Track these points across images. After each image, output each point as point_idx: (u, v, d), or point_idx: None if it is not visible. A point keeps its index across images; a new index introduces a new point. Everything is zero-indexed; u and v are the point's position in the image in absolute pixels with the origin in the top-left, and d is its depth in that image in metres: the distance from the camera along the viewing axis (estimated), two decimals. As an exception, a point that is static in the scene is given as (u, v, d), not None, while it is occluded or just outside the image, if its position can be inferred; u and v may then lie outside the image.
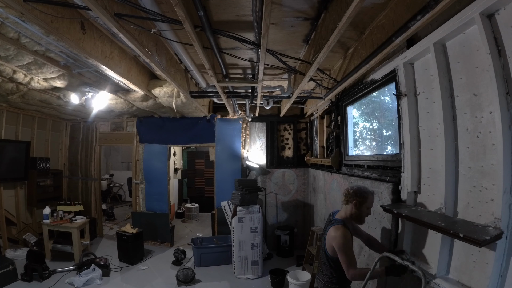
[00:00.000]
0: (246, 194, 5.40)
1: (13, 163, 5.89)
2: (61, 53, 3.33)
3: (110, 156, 13.04)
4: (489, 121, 1.85)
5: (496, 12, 1.76)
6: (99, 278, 4.93)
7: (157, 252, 6.40)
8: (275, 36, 3.16)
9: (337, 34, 2.39)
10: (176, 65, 4.00)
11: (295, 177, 6.92)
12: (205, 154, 10.37)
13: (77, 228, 5.59)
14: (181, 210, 9.71)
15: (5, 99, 5.06)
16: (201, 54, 2.98)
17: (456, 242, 2.17)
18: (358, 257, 3.61)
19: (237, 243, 5.28)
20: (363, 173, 3.78)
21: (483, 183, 1.92)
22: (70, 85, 4.31)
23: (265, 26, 2.29)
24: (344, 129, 4.51)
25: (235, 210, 5.33)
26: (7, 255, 5.30)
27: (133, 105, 5.73)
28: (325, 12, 2.66)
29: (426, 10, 1.94)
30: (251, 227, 5.27)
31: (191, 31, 2.44)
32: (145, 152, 7.16)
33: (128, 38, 2.53)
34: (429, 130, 2.48)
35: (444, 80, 2.21)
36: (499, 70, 1.73)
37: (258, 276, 5.27)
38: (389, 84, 3.22)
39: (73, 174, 7.64)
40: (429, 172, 2.50)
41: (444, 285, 2.13)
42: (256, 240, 5.29)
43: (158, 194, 7.04)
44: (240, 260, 5.26)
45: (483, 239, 1.67)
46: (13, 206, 6.02)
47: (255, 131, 6.98)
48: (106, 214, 9.11)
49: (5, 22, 2.54)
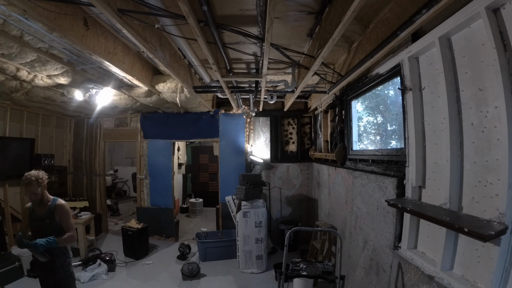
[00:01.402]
0: (251, 189, 5.41)
1: (18, 160, 5.93)
2: (65, 50, 3.34)
3: (114, 152, 13.09)
4: (494, 116, 1.84)
5: (502, 6, 1.73)
6: (105, 273, 4.99)
7: (162, 247, 6.45)
8: (279, 30, 3.15)
9: (342, 28, 2.37)
10: (180, 60, 3.99)
11: (299, 171, 6.92)
12: (209, 149, 10.38)
13: (83, 224, 5.63)
14: (185, 205, 9.76)
15: (9, 96, 5.07)
16: (205, 49, 2.98)
17: (461, 237, 2.17)
18: (362, 252, 3.62)
19: (241, 238, 5.31)
20: (367, 167, 3.77)
21: (488, 178, 1.91)
22: (74, 82, 4.32)
23: (269, 20, 2.28)
24: (348, 124, 4.49)
25: (239, 205, 5.35)
26: (13, 252, 5.34)
27: (137, 101, 5.74)
28: (329, 5, 2.64)
29: (431, 4, 1.92)
30: (256, 221, 5.29)
31: (195, 26, 2.43)
32: (149, 148, 7.19)
33: (132, 33, 2.52)
34: (434, 124, 2.47)
35: (449, 74, 2.20)
36: (504, 65, 1.71)
37: (263, 270, 5.30)
38: (393, 78, 3.20)
39: (78, 170, 7.68)
40: (434, 166, 2.49)
41: (448, 280, 2.13)
42: (261, 234, 5.31)
43: (162, 189, 7.09)
44: (245, 255, 5.29)
45: (488, 234, 1.67)
46: (19, 203, 6.06)
47: (259, 125, 6.98)
48: (111, 210, 9.17)
49: (8, 20, 2.54)
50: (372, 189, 3.46)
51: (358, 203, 3.85)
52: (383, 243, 3.10)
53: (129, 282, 4.89)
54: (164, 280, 4.96)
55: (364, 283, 3.55)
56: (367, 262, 3.51)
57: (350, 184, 4.19)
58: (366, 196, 3.61)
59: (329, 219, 5.28)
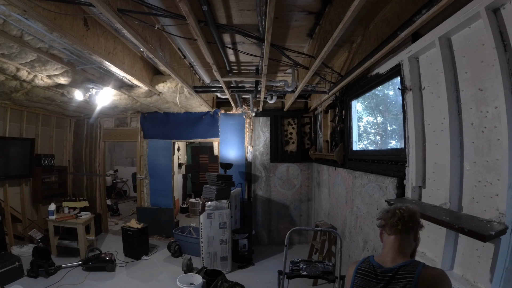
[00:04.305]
0: (222, 189, 5.32)
1: (18, 160, 5.93)
2: (65, 50, 3.33)
3: (114, 152, 13.08)
4: (495, 116, 1.84)
5: (502, 6, 1.74)
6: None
7: (162, 246, 6.43)
8: (279, 30, 3.15)
9: (342, 28, 2.37)
10: (180, 61, 3.99)
11: (299, 171, 6.92)
12: (209, 149, 10.37)
13: (83, 224, 5.63)
14: (185, 205, 9.74)
15: (9, 96, 5.07)
16: (205, 49, 2.98)
17: (461, 237, 2.17)
18: (362, 252, 3.62)
19: (205, 239, 5.22)
20: (367, 167, 3.77)
21: (488, 178, 1.91)
22: (74, 82, 4.32)
23: (269, 20, 2.28)
24: (348, 124, 4.49)
25: (203, 206, 5.26)
26: (13, 252, 5.34)
27: (137, 101, 5.74)
28: (329, 6, 2.65)
29: (431, 4, 1.93)
30: (220, 222, 5.22)
31: (195, 26, 2.44)
32: (149, 148, 7.19)
33: (132, 34, 2.52)
34: (434, 124, 2.47)
35: (449, 74, 2.20)
36: (504, 65, 1.71)
37: (228, 271, 5.22)
38: (393, 78, 3.20)
39: (78, 170, 7.68)
40: (434, 166, 2.49)
41: (448, 280, 2.13)
42: (225, 235, 5.24)
43: (162, 189, 7.09)
44: (209, 256, 5.22)
45: (488, 234, 1.67)
46: (19, 203, 6.07)
47: (259, 125, 6.97)
48: (111, 210, 9.16)
49: (8, 20, 2.54)
50: (372, 189, 3.46)
51: (358, 203, 3.85)
52: (383, 243, 3.10)
53: (129, 282, 4.88)
54: (164, 280, 4.95)
55: (364, 283, 3.54)
56: (367, 262, 3.50)
57: (350, 184, 4.19)
58: (366, 196, 3.61)
59: (329, 219, 5.28)
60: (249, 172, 6.88)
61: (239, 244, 5.56)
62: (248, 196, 6.88)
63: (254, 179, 6.89)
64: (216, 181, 5.39)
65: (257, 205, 6.87)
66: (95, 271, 5.07)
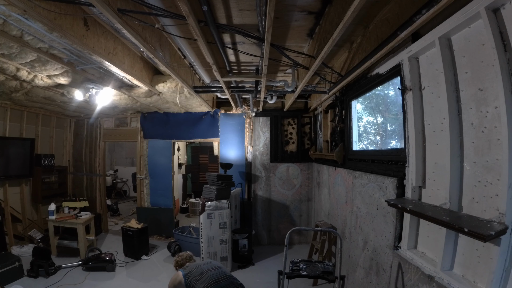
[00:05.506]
0: (222, 189, 5.32)
1: (18, 160, 5.93)
2: (65, 50, 3.34)
3: (114, 152, 13.09)
4: (494, 116, 1.84)
5: (502, 6, 1.73)
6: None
7: (162, 246, 6.43)
8: (279, 30, 3.15)
9: (342, 28, 2.37)
10: (180, 61, 3.99)
11: (299, 171, 6.92)
12: (209, 149, 10.37)
13: (83, 224, 5.63)
14: (185, 205, 9.74)
15: (9, 96, 5.07)
16: (205, 49, 2.98)
17: (461, 237, 2.17)
18: (362, 252, 3.62)
19: (205, 239, 5.21)
20: (367, 167, 3.77)
21: (487, 178, 1.91)
22: (74, 82, 4.32)
23: (269, 20, 2.28)
24: (348, 124, 4.49)
25: (203, 206, 5.26)
26: (13, 252, 5.35)
27: (137, 101, 5.74)
28: (329, 6, 2.65)
29: (431, 4, 1.93)
30: (220, 222, 5.21)
31: (195, 26, 2.44)
32: (149, 148, 7.19)
33: (132, 34, 2.52)
34: (434, 124, 2.47)
35: (449, 74, 2.20)
36: (504, 65, 1.71)
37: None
38: (393, 78, 3.19)
39: (78, 170, 7.68)
40: (434, 166, 2.49)
41: (448, 280, 2.13)
42: (225, 235, 5.23)
43: (162, 189, 7.09)
44: (209, 256, 5.20)
45: (488, 234, 1.67)
46: (19, 203, 6.07)
47: (259, 125, 6.97)
48: (111, 210, 9.16)
49: (8, 20, 2.54)
50: (372, 189, 3.46)
51: (358, 203, 3.85)
52: (383, 243, 3.10)
53: (129, 282, 4.88)
54: (164, 280, 4.95)
55: (364, 283, 3.55)
56: (367, 262, 3.51)
57: (350, 184, 4.19)
58: (366, 196, 3.61)
59: (329, 219, 5.28)
60: (249, 172, 6.88)
61: (239, 244, 5.57)
62: (248, 196, 6.88)
63: (254, 179, 6.88)
64: (216, 181, 5.38)
65: (257, 205, 6.87)
66: (95, 271, 5.08)
